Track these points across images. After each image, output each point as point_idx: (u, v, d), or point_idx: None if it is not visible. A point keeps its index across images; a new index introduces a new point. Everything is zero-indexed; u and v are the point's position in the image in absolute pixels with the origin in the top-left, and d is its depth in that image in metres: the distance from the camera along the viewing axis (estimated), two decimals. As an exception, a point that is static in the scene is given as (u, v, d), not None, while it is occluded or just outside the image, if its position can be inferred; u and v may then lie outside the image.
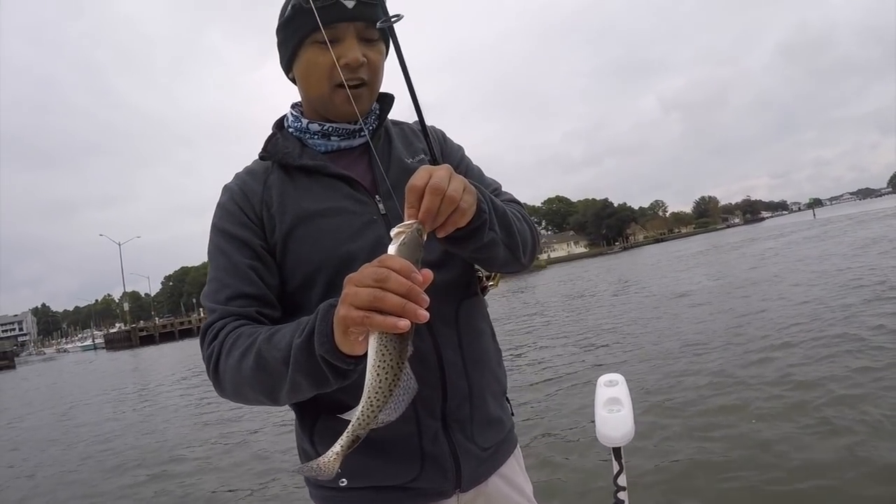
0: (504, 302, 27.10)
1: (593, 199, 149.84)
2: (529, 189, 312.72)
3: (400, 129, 1.39)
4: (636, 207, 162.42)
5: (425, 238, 0.86)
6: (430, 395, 1.18)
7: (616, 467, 1.89)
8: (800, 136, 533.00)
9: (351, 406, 0.85)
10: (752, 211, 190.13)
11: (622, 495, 1.92)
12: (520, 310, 21.87)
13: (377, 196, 1.22)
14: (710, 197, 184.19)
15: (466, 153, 1.45)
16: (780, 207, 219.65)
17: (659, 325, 11.82)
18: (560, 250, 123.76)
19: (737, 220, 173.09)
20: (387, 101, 1.35)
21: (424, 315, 0.76)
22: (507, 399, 1.43)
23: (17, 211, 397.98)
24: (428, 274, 0.80)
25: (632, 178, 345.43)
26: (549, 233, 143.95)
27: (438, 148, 1.37)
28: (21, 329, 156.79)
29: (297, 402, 1.18)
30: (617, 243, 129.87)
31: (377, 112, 1.34)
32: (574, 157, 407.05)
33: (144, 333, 68.53)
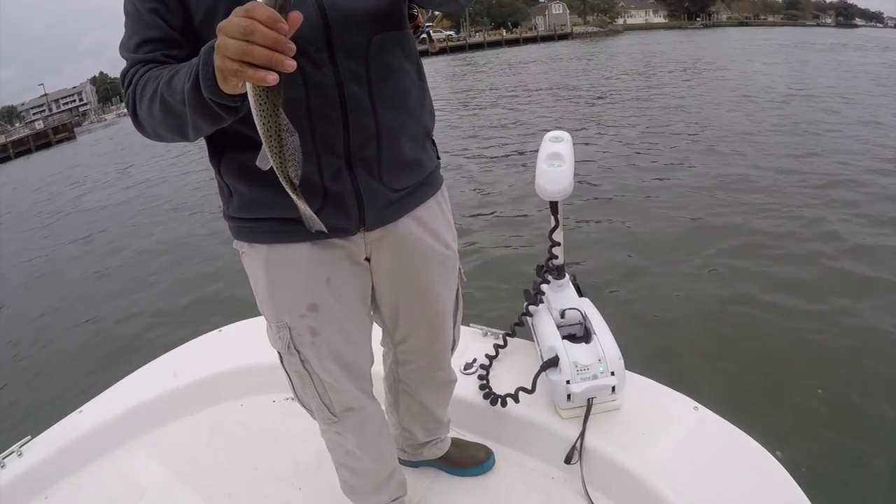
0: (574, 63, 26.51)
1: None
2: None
3: None
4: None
5: None
6: (330, 130, 1.13)
7: (553, 222, 1.89)
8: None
9: (253, 137, 0.92)
10: (846, 15, 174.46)
11: (557, 251, 1.93)
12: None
13: None
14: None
15: None
16: (875, 18, 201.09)
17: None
18: (637, 17, 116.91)
19: (829, 21, 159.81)
20: None
21: (291, 64, 0.78)
22: (433, 142, 1.38)
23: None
24: (296, 18, 0.79)
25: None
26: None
27: None
28: (81, 99, 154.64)
29: (206, 136, 1.15)
30: (699, 18, 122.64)
31: None
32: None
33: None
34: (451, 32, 75.59)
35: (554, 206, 1.86)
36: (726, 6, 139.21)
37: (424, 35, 1.41)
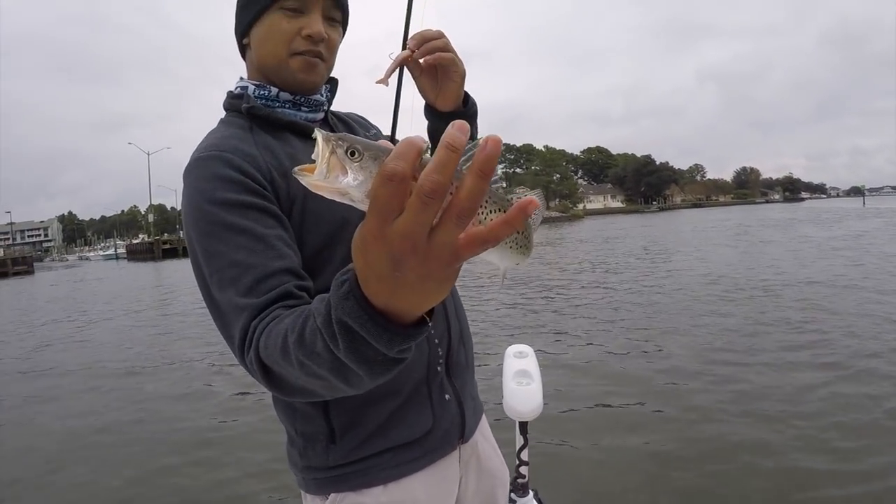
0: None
1: (633, 155, 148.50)
2: (566, 138, 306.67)
3: (346, 115, 1.37)
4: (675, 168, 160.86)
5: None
6: (440, 336, 1.13)
7: (520, 441, 1.84)
8: (840, 122, 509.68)
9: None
10: (792, 189, 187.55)
11: (524, 470, 1.88)
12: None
13: None
14: (751, 168, 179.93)
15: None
16: (818, 190, 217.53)
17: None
18: (596, 202, 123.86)
19: (776, 197, 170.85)
20: (333, 84, 1.30)
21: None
22: None
23: (67, 122, 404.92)
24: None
25: (667, 140, 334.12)
26: (586, 183, 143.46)
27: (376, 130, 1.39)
28: (47, 235, 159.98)
29: None
30: (655, 202, 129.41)
31: (328, 93, 1.28)
32: (611, 114, 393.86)
33: (168, 246, 67.10)
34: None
35: (523, 425, 1.81)
36: (680, 189, 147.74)
37: None
